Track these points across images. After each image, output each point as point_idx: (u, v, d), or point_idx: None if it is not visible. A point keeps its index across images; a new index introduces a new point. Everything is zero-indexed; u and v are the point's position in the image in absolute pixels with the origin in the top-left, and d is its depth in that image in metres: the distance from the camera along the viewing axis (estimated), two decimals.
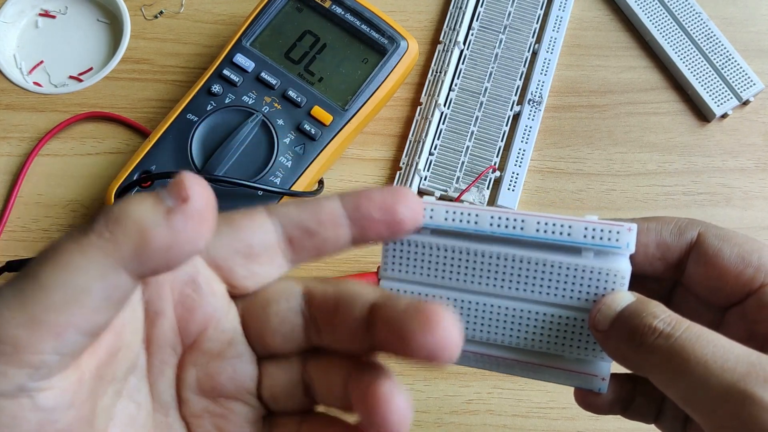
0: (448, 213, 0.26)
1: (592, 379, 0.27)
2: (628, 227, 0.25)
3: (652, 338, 0.24)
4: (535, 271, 0.26)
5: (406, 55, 0.48)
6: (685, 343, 0.23)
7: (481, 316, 0.27)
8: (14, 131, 0.50)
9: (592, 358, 0.26)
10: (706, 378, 0.22)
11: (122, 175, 0.45)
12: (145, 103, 0.51)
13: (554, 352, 0.27)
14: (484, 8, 0.53)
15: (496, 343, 0.27)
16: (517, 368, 0.27)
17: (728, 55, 0.52)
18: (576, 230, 0.25)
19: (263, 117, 0.46)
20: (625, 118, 0.52)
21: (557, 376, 0.27)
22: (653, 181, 0.50)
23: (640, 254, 0.28)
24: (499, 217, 0.26)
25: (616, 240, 0.25)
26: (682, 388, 0.23)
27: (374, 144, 0.51)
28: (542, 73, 0.52)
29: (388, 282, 0.27)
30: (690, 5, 0.54)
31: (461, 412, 0.44)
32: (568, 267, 0.26)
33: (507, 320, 0.27)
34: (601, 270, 0.26)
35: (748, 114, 0.52)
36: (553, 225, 0.26)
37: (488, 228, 0.26)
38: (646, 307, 0.25)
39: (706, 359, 0.22)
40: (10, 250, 0.47)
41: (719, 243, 0.27)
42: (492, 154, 0.50)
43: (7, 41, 0.53)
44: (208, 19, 0.54)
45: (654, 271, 0.28)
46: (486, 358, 0.27)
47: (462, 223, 0.26)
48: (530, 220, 0.26)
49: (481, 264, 0.26)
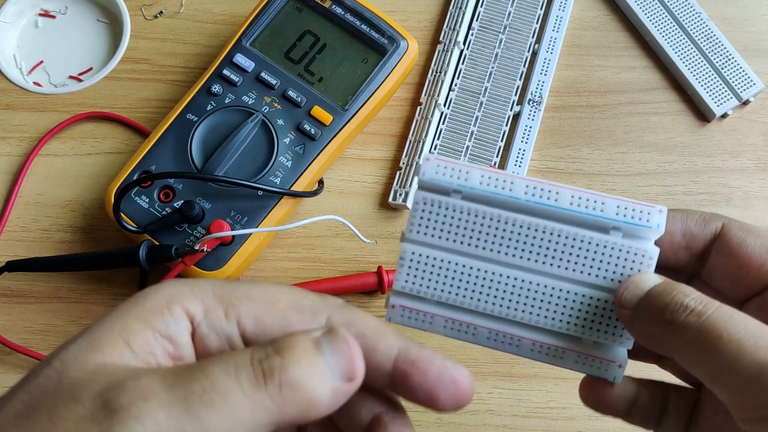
0: (483, 177, 0.26)
1: (609, 366, 0.26)
2: (659, 209, 0.26)
3: (684, 315, 0.24)
4: (564, 245, 0.26)
5: (406, 55, 0.48)
6: (717, 321, 0.23)
7: (503, 290, 0.26)
8: (14, 131, 0.50)
9: (611, 342, 0.26)
10: (738, 356, 0.22)
11: (122, 175, 0.45)
12: (145, 103, 0.51)
13: (573, 333, 0.26)
14: (484, 8, 0.53)
15: (514, 319, 0.26)
16: (532, 350, 0.27)
17: (728, 55, 0.52)
18: (609, 206, 0.26)
19: (263, 117, 0.46)
20: (625, 118, 0.52)
21: (573, 361, 0.27)
22: (653, 181, 0.50)
23: (665, 242, 0.28)
24: (534, 186, 0.26)
25: (647, 220, 0.25)
26: (712, 366, 0.23)
27: (374, 144, 0.51)
28: (542, 73, 0.52)
29: (410, 245, 0.26)
30: (690, 5, 0.54)
31: (461, 412, 0.44)
32: (597, 243, 0.26)
33: (529, 296, 0.26)
34: (630, 249, 0.26)
35: (748, 114, 0.52)
36: (586, 199, 0.26)
37: (522, 196, 0.26)
38: (675, 286, 0.25)
39: (739, 337, 0.23)
40: (10, 250, 0.47)
41: (743, 234, 0.27)
42: (492, 154, 0.50)
43: (7, 41, 0.53)
44: (208, 19, 0.54)
45: (677, 260, 0.28)
46: (501, 337, 0.27)
47: (497, 188, 0.26)
48: (564, 192, 0.26)
49: (510, 234, 0.26)
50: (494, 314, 0.26)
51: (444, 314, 0.27)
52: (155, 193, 0.45)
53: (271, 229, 0.44)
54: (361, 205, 0.49)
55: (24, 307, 0.46)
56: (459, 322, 0.27)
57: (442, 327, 0.27)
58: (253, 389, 0.19)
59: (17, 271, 0.45)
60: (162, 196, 0.45)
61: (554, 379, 0.45)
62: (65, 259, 0.45)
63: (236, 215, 0.44)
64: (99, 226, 0.48)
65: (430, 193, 0.26)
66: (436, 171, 0.26)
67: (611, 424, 0.44)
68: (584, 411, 0.44)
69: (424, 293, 0.26)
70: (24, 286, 0.47)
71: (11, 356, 0.45)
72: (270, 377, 0.19)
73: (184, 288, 0.21)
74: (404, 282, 0.26)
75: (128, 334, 0.20)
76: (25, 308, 0.46)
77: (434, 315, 0.27)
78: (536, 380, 0.45)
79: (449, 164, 0.26)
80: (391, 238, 0.48)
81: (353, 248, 0.48)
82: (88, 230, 0.48)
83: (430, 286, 0.26)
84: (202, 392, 0.18)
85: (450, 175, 0.26)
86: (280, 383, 0.19)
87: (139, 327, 0.20)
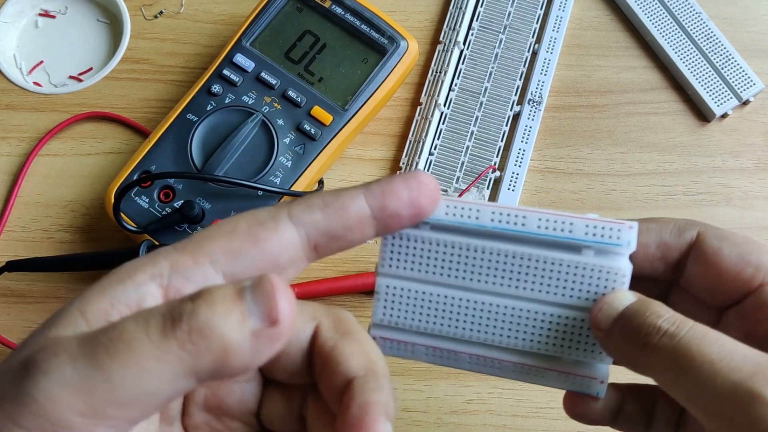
0: (448, 208, 0.26)
1: (590, 383, 0.27)
2: (629, 225, 0.25)
3: (657, 337, 0.24)
4: (536, 268, 0.26)
5: (406, 55, 0.48)
6: (690, 342, 0.23)
7: (479, 316, 0.26)
8: (14, 131, 0.50)
9: (591, 359, 0.26)
10: (712, 377, 0.22)
11: (122, 175, 0.45)
12: (145, 103, 0.51)
13: (552, 353, 0.26)
14: (484, 8, 0.53)
15: (493, 344, 0.27)
16: (514, 371, 0.27)
17: (728, 55, 0.52)
18: (577, 227, 0.25)
19: (263, 117, 0.46)
20: (625, 118, 0.52)
21: (555, 379, 0.27)
22: (653, 181, 0.50)
23: (640, 254, 0.28)
24: (500, 212, 0.26)
25: (618, 237, 0.25)
26: (686, 387, 0.23)
27: (374, 144, 0.51)
28: (542, 73, 0.52)
29: (385, 279, 0.26)
30: (690, 5, 0.54)
31: (461, 412, 0.44)
32: (568, 265, 0.26)
33: (506, 320, 0.26)
34: (602, 268, 0.25)
35: (748, 114, 0.52)
36: (554, 222, 0.25)
37: (489, 223, 0.26)
38: (649, 306, 0.25)
39: (712, 358, 0.22)
40: (10, 250, 0.47)
41: (719, 242, 0.27)
42: (492, 154, 0.50)
43: (7, 41, 0.53)
44: (208, 19, 0.54)
45: (654, 271, 0.28)
46: (482, 360, 0.27)
47: (463, 218, 0.26)
48: (531, 217, 0.25)
49: (481, 261, 0.26)
50: (473, 340, 0.27)
51: (424, 342, 0.27)
52: (155, 193, 0.45)
53: None
54: None
55: (24, 307, 0.46)
56: (439, 349, 0.27)
57: (424, 355, 0.27)
58: (160, 336, 0.18)
59: (17, 271, 0.45)
60: (162, 196, 0.45)
61: None
62: (65, 259, 0.45)
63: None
64: (99, 226, 0.48)
65: None
66: None
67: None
68: None
69: (402, 324, 0.27)
70: (24, 286, 0.47)
71: None
72: (178, 323, 0.18)
73: (144, 258, 0.21)
74: (382, 315, 0.27)
75: (84, 306, 0.20)
76: (25, 308, 0.46)
77: (415, 344, 0.27)
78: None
79: None
80: None
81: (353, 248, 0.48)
82: (88, 230, 0.48)
83: (407, 317, 0.27)
84: (109, 343, 0.18)
85: None
86: (189, 328, 0.18)
87: (96, 298, 0.20)
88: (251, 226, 0.21)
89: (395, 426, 0.22)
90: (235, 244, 0.20)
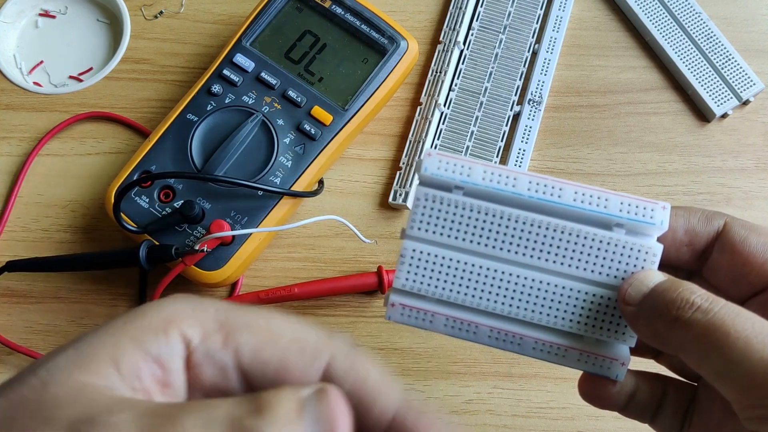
0: (486, 173, 0.25)
1: (611, 364, 0.26)
2: (662, 205, 0.25)
3: (690, 312, 0.24)
4: (567, 242, 0.26)
5: (406, 55, 0.48)
6: (724, 318, 0.23)
7: (504, 287, 0.26)
8: (14, 131, 0.50)
9: (614, 340, 0.26)
10: (746, 353, 0.22)
11: (122, 175, 0.45)
12: (145, 103, 0.51)
13: (576, 331, 0.26)
14: (484, 8, 0.53)
15: (516, 317, 0.26)
16: (534, 348, 0.26)
17: (728, 55, 0.52)
18: (612, 203, 0.25)
19: (263, 117, 0.46)
20: (625, 118, 0.52)
21: (575, 359, 0.26)
22: (653, 181, 0.50)
23: (668, 238, 0.28)
24: (537, 182, 0.26)
25: (651, 217, 0.25)
26: (718, 363, 0.23)
27: (374, 144, 0.51)
28: (542, 73, 0.52)
29: (411, 242, 0.26)
30: (690, 5, 0.54)
31: (461, 412, 0.44)
32: (600, 240, 0.25)
33: (531, 293, 0.26)
34: (633, 245, 0.25)
35: (748, 114, 0.52)
36: (590, 196, 0.25)
37: (526, 192, 0.25)
38: (681, 283, 0.25)
39: (747, 334, 0.22)
40: (10, 250, 0.47)
41: (746, 232, 0.27)
42: (492, 154, 0.50)
43: (7, 41, 0.53)
44: (208, 19, 0.54)
45: (680, 258, 0.28)
46: (503, 335, 0.26)
47: (500, 184, 0.25)
48: (568, 189, 0.25)
49: (513, 230, 0.26)
50: (496, 312, 0.26)
51: (445, 312, 0.26)
52: (155, 193, 0.45)
53: (271, 229, 0.44)
54: (361, 205, 0.49)
55: (24, 307, 0.46)
56: (460, 320, 0.26)
57: (443, 326, 0.26)
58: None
59: (17, 271, 0.45)
60: (162, 196, 0.45)
61: (554, 379, 0.45)
62: (65, 259, 0.45)
63: (236, 215, 0.44)
64: (99, 226, 0.48)
65: (432, 189, 0.26)
66: (438, 166, 0.26)
67: (611, 424, 0.44)
68: (584, 411, 0.44)
69: (425, 291, 0.26)
70: (24, 286, 0.47)
71: (11, 356, 0.45)
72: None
73: (185, 308, 0.20)
74: (405, 280, 0.26)
75: (118, 353, 0.19)
76: (25, 308, 0.46)
77: (435, 313, 0.26)
78: (536, 380, 0.45)
79: (451, 159, 0.26)
80: (391, 238, 0.48)
81: (353, 248, 0.48)
82: (88, 230, 0.48)
83: (431, 283, 0.26)
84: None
85: (452, 170, 0.26)
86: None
87: (130, 347, 0.19)
88: (291, 346, 0.20)
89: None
90: (266, 354, 0.20)
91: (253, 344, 0.20)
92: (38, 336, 0.46)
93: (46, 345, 0.46)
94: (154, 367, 0.19)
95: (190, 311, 0.20)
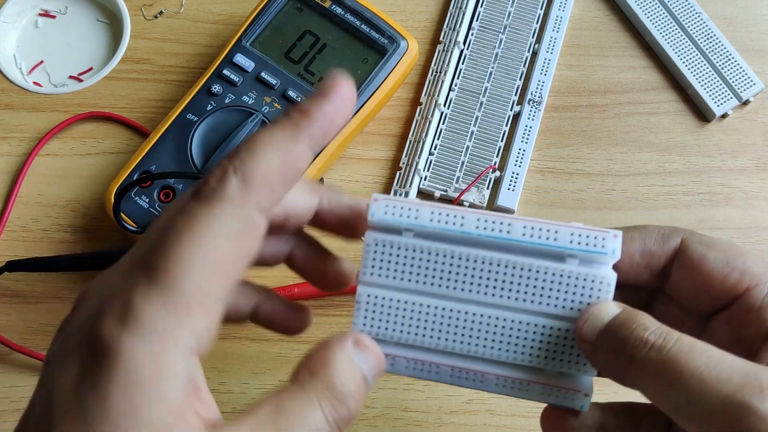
0: (433, 214, 0.26)
1: (574, 395, 0.26)
2: (613, 234, 0.25)
3: (644, 351, 0.23)
4: (520, 277, 0.25)
5: (406, 55, 0.48)
6: (678, 354, 0.23)
7: (462, 326, 0.26)
8: (14, 131, 0.50)
9: (575, 371, 0.26)
10: (701, 390, 0.22)
11: (122, 175, 0.45)
12: (145, 103, 0.51)
13: (536, 365, 0.26)
14: (484, 8, 0.53)
15: (476, 355, 0.26)
16: (497, 385, 0.26)
17: (728, 55, 0.52)
18: (562, 235, 0.25)
19: (263, 117, 0.46)
20: (625, 118, 0.52)
21: (538, 393, 0.26)
22: (653, 181, 0.50)
23: (625, 263, 0.27)
24: (485, 219, 0.25)
25: (602, 246, 0.25)
26: (675, 400, 0.23)
27: (374, 144, 0.51)
28: (542, 73, 0.52)
29: (366, 288, 0.26)
30: (690, 5, 0.54)
31: (461, 412, 0.44)
32: (553, 273, 0.25)
33: (489, 330, 0.26)
34: (586, 277, 0.25)
35: (748, 114, 0.52)
36: (539, 229, 0.25)
37: (474, 230, 0.25)
38: (635, 317, 0.24)
39: (701, 371, 0.22)
40: (10, 250, 0.47)
41: (703, 248, 0.27)
42: (492, 154, 0.50)
43: (7, 41, 0.53)
44: (208, 19, 0.54)
45: (638, 279, 0.28)
46: (464, 374, 0.26)
47: (448, 224, 0.25)
48: (516, 224, 0.25)
49: (465, 269, 0.26)
50: (455, 351, 0.26)
51: (405, 355, 0.26)
52: (155, 193, 0.45)
53: None
54: None
55: (24, 307, 0.46)
56: (421, 361, 0.26)
57: (404, 368, 0.27)
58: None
59: (17, 271, 0.45)
60: (162, 196, 0.45)
61: None
62: (65, 259, 0.45)
63: None
64: (99, 226, 0.48)
65: (382, 233, 0.26)
66: (384, 211, 0.26)
67: None
68: None
69: (383, 335, 0.26)
70: (24, 286, 0.47)
71: (11, 356, 0.45)
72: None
73: (196, 369, 0.21)
74: (362, 326, 0.26)
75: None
76: (26, 308, 0.46)
77: (395, 356, 0.26)
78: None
79: (398, 203, 0.26)
80: None
81: (353, 248, 0.48)
82: (88, 230, 0.48)
83: (388, 327, 0.26)
84: None
85: (399, 214, 0.26)
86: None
87: (124, 426, 0.19)
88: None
89: (395, 427, 0.22)
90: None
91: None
92: (38, 336, 0.46)
93: (46, 345, 0.45)
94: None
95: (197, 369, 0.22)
